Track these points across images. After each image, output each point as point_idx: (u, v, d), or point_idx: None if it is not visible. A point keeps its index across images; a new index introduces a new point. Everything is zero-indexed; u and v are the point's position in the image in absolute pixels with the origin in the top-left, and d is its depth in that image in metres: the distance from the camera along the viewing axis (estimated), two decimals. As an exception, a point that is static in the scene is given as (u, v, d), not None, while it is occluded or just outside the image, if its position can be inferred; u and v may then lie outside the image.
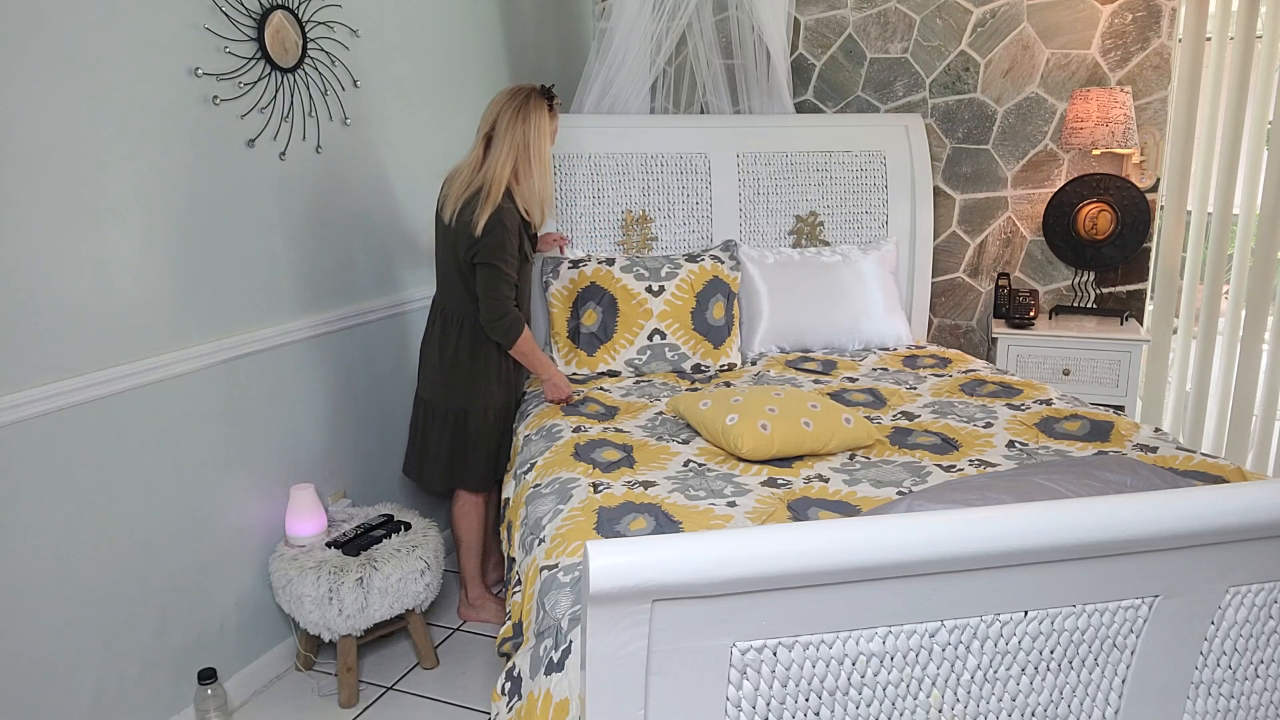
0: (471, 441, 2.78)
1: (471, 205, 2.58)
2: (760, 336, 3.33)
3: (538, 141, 2.58)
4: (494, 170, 2.57)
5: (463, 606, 2.98)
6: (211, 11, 2.33)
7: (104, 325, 2.15)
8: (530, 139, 2.57)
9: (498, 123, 2.58)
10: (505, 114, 2.58)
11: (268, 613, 2.68)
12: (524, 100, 2.59)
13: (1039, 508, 1.17)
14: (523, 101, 2.59)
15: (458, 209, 2.59)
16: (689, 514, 1.99)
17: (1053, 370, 3.42)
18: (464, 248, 2.61)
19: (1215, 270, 3.60)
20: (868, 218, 3.64)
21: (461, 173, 2.64)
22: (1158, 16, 3.40)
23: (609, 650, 1.11)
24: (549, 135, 2.63)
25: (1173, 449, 2.28)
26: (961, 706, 1.28)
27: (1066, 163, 3.60)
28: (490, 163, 2.58)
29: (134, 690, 2.29)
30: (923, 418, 2.62)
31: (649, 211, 3.50)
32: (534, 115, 2.58)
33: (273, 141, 2.56)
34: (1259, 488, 1.21)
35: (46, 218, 2.00)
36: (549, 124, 2.62)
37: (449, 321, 2.73)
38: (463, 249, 2.62)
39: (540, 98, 2.62)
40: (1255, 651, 1.38)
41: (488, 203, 2.56)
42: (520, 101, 2.59)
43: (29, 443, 2.00)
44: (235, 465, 2.53)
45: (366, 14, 2.86)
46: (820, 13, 3.78)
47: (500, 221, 2.56)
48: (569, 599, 1.67)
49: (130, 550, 2.25)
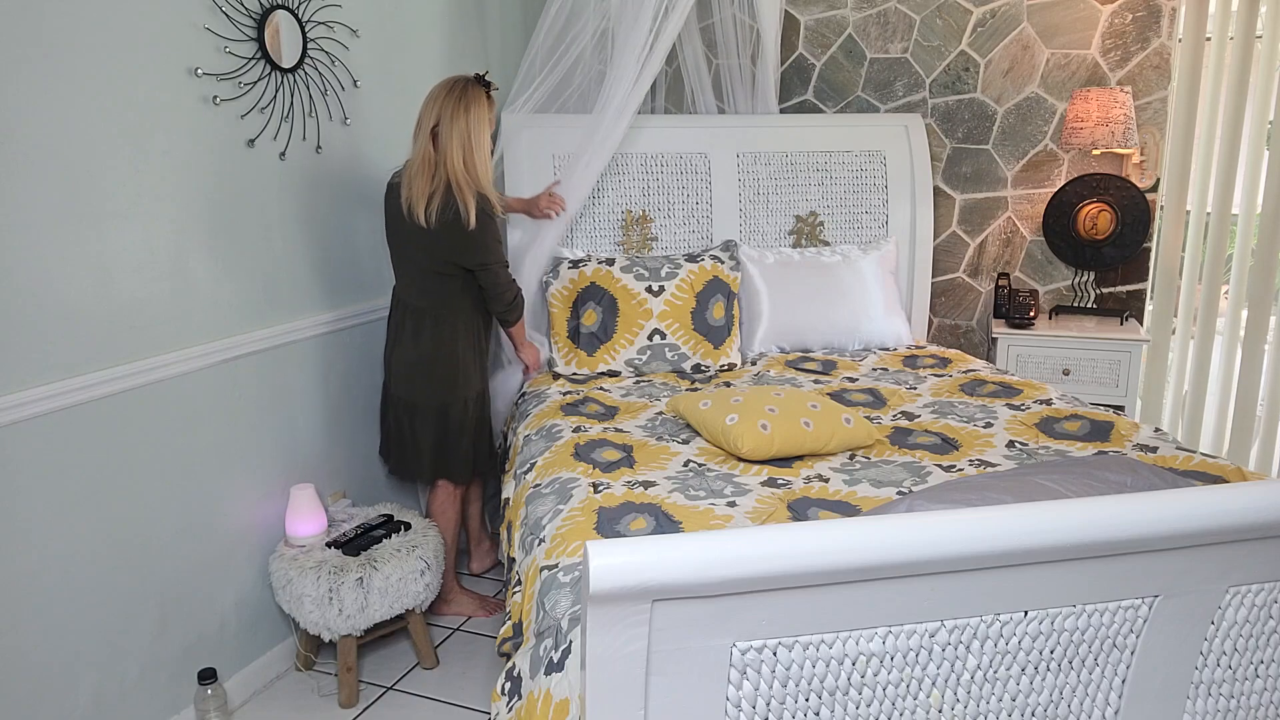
0: (454, 433, 2.80)
1: (450, 204, 2.57)
2: (760, 336, 3.33)
3: (479, 131, 2.62)
4: (453, 164, 2.58)
5: (437, 601, 2.98)
6: (211, 11, 2.33)
7: (104, 325, 2.15)
8: (473, 129, 2.60)
9: (441, 117, 2.60)
10: (447, 107, 2.60)
11: (268, 613, 2.68)
12: (462, 91, 2.62)
13: (1039, 508, 1.17)
14: (461, 92, 2.61)
15: (435, 210, 2.57)
16: (689, 514, 1.99)
17: (1053, 370, 3.42)
18: (457, 250, 2.62)
19: (1214, 270, 3.60)
20: (868, 218, 3.64)
21: (417, 172, 2.61)
22: (1158, 16, 3.40)
23: (609, 650, 1.11)
24: (488, 123, 2.66)
25: (1173, 449, 2.28)
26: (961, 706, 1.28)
27: (1066, 163, 3.60)
28: (445, 158, 2.59)
29: (134, 690, 2.29)
30: (923, 418, 2.62)
31: (649, 211, 3.50)
32: (474, 106, 2.61)
33: (273, 141, 2.56)
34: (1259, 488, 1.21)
35: (47, 218, 2.00)
36: (487, 112, 2.66)
37: (417, 318, 2.71)
38: (456, 251, 2.63)
39: (477, 86, 2.65)
40: (1255, 651, 1.38)
41: (466, 197, 2.57)
42: (459, 93, 2.61)
43: (29, 443, 2.00)
44: (235, 465, 2.53)
45: (366, 14, 2.86)
46: (820, 13, 3.78)
47: (485, 212, 2.61)
48: (569, 599, 1.67)
49: (130, 550, 2.25)
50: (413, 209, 2.60)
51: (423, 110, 2.64)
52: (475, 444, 2.87)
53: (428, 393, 2.75)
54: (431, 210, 2.57)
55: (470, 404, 2.82)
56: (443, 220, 2.58)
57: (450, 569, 2.97)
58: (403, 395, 2.78)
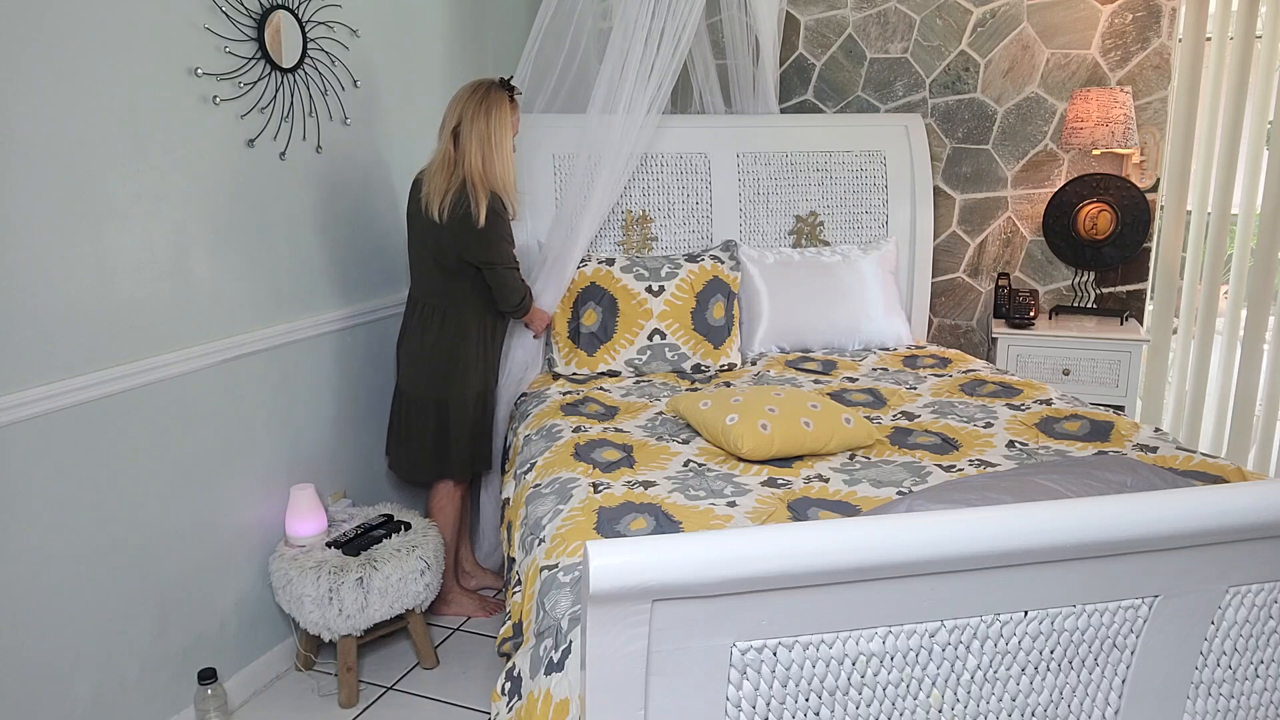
0: (453, 430, 2.81)
1: (462, 201, 2.62)
2: (760, 336, 3.33)
3: (499, 132, 2.66)
4: (470, 164, 2.64)
5: (437, 601, 2.98)
6: (211, 11, 2.33)
7: (104, 325, 2.15)
8: (493, 130, 2.65)
9: (463, 118, 2.65)
10: (469, 109, 2.65)
11: (268, 613, 2.68)
12: (485, 94, 2.67)
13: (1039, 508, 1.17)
14: (484, 95, 2.67)
15: (448, 206, 2.63)
16: (689, 514, 1.99)
17: (1053, 370, 3.42)
18: (466, 246, 2.65)
19: (1214, 270, 3.60)
20: (868, 218, 3.64)
21: (436, 171, 2.68)
22: (1158, 16, 3.40)
23: (609, 650, 1.11)
24: (510, 126, 2.70)
25: (1173, 449, 2.28)
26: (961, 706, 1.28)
27: (1066, 163, 3.60)
28: (464, 157, 2.65)
29: (134, 690, 2.29)
30: (923, 418, 2.62)
31: (649, 211, 3.50)
32: (495, 108, 2.66)
33: (273, 141, 2.56)
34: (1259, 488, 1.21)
35: (47, 218, 2.00)
36: (509, 115, 2.69)
37: (427, 314, 2.76)
38: (464, 247, 2.65)
39: (500, 90, 2.69)
40: (1255, 651, 1.38)
41: (479, 195, 2.62)
42: (481, 95, 2.67)
43: (29, 443, 2.00)
44: (235, 465, 2.53)
45: (366, 14, 2.87)
46: (820, 13, 3.78)
47: (495, 211, 2.64)
48: (569, 599, 1.67)
49: (130, 550, 2.25)
50: (429, 205, 2.66)
51: (447, 111, 2.71)
52: (475, 444, 2.88)
53: (426, 386, 2.78)
54: (445, 206, 2.63)
55: (469, 403, 2.82)
56: (454, 216, 2.63)
57: (450, 569, 2.97)
58: (405, 388, 2.82)
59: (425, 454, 2.83)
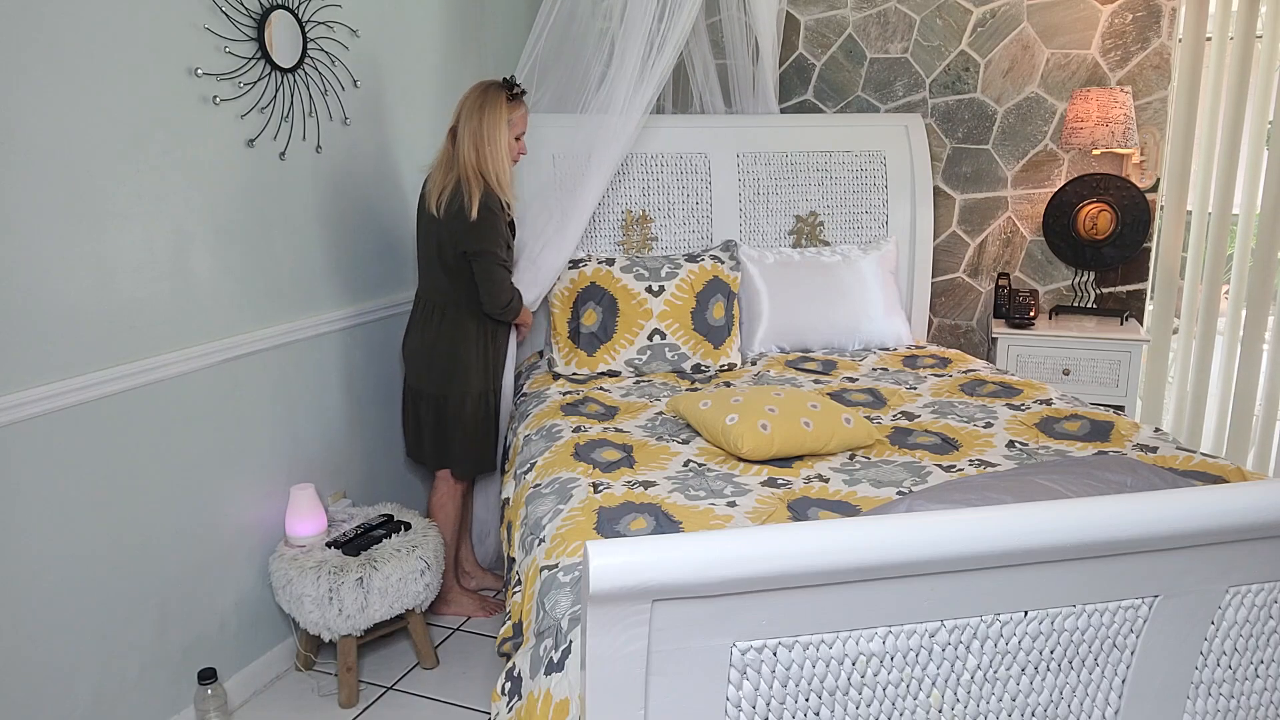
0: (452, 426, 2.85)
1: (457, 196, 2.68)
2: (760, 336, 3.33)
3: (492, 129, 2.70)
4: (464, 159, 2.70)
5: (437, 601, 2.98)
6: (211, 11, 2.33)
7: (104, 325, 2.15)
8: (485, 126, 2.69)
9: (460, 116, 2.72)
10: (466, 107, 2.72)
11: (268, 613, 2.68)
12: (482, 93, 2.73)
13: (1039, 508, 1.17)
14: (481, 93, 2.73)
15: (445, 201, 2.69)
16: (689, 514, 1.99)
17: (1053, 370, 3.42)
18: (458, 237, 2.68)
19: (1215, 270, 3.60)
20: (868, 218, 3.64)
21: (438, 166, 2.75)
22: (1158, 16, 3.40)
23: (609, 650, 1.11)
24: (507, 123, 2.73)
25: (1173, 449, 2.28)
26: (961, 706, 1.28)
27: (1066, 163, 3.60)
28: (459, 154, 2.71)
29: (134, 690, 2.29)
30: (923, 418, 2.62)
31: (649, 211, 3.50)
32: (489, 105, 2.71)
33: (273, 141, 2.56)
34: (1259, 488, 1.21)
35: (46, 218, 2.00)
36: (507, 112, 2.73)
37: (430, 310, 2.81)
38: (457, 239, 2.69)
39: (498, 89, 2.74)
40: (1255, 651, 1.38)
41: (473, 190, 2.67)
42: (478, 94, 2.73)
43: (29, 443, 2.00)
44: (235, 465, 2.53)
45: (366, 14, 2.87)
46: (820, 13, 3.78)
47: (488, 206, 2.68)
48: (569, 599, 1.67)
49: (130, 550, 2.25)
50: (430, 201, 2.73)
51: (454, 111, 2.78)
52: (474, 443, 2.88)
53: (427, 380, 2.83)
54: (443, 201, 2.69)
55: (469, 401, 2.84)
56: (450, 210, 2.68)
57: (450, 569, 2.98)
58: (410, 381, 2.88)
59: (429, 445, 2.89)
